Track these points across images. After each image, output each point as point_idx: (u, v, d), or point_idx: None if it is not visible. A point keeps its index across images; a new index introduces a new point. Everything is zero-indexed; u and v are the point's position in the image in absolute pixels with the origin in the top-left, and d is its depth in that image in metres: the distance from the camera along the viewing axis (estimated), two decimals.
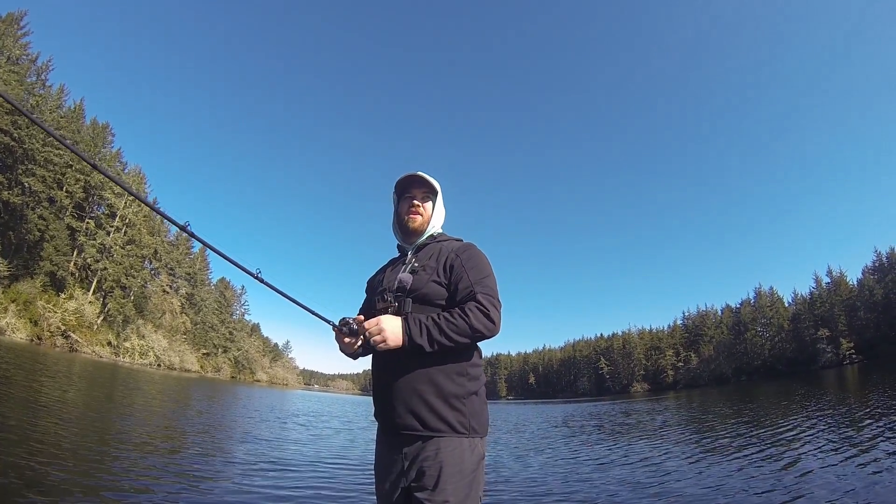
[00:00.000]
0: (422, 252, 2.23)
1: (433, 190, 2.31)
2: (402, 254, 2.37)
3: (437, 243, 2.26)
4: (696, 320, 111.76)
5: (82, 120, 56.23)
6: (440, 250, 2.18)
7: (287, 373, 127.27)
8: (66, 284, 48.46)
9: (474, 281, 2.02)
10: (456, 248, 2.17)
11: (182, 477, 5.86)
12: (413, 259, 2.20)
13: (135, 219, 57.61)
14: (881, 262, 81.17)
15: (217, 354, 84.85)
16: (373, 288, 2.33)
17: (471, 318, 1.90)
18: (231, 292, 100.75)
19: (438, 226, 2.37)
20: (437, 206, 2.35)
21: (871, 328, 76.13)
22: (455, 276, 2.05)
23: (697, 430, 14.90)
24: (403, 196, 2.33)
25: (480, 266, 2.10)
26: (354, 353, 2.19)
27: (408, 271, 2.13)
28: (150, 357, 57.42)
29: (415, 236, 2.29)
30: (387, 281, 2.19)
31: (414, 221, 2.27)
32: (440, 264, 2.10)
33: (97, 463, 5.85)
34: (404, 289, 2.06)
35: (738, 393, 41.52)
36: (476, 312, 1.92)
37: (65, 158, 48.13)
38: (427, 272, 2.08)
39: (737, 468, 7.71)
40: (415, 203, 2.27)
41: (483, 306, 1.94)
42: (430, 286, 2.04)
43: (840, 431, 11.10)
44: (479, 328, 1.90)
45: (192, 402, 18.35)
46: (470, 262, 2.08)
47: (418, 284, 2.05)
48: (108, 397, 14.87)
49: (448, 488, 1.82)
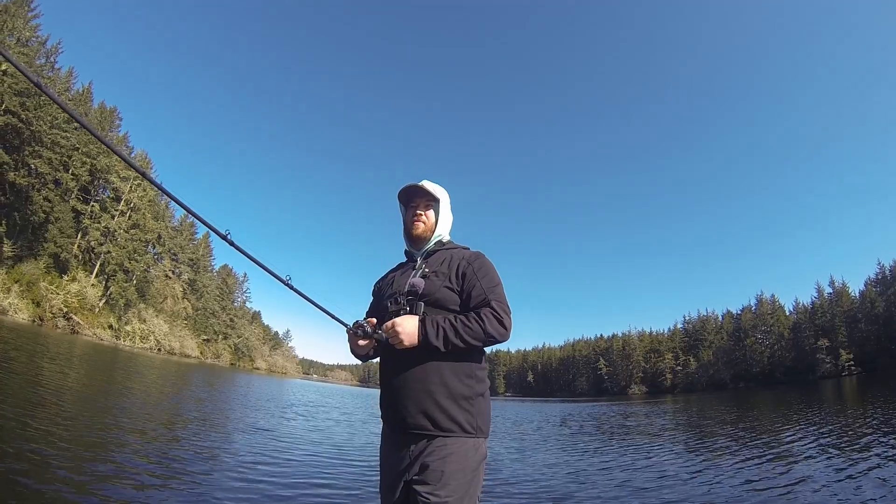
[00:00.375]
0: (431, 258, 2.28)
1: (434, 198, 2.37)
2: (409, 259, 2.43)
3: (447, 250, 2.31)
4: (697, 325, 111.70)
5: (90, 103, 56.30)
6: (451, 257, 2.23)
7: (286, 361, 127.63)
8: (70, 266, 48.62)
9: (487, 289, 2.09)
10: (467, 256, 2.23)
11: (179, 469, 5.84)
12: (423, 264, 2.25)
13: (140, 203, 57.71)
14: (884, 274, 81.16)
15: (217, 341, 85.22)
16: (380, 291, 2.38)
17: (485, 324, 1.98)
18: (233, 279, 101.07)
19: (446, 233, 2.43)
20: (443, 214, 2.40)
21: (871, 340, 76.06)
22: (468, 283, 2.11)
23: (695, 435, 14.90)
24: (409, 205, 2.42)
25: (492, 275, 2.17)
26: (366, 355, 2.27)
27: (419, 276, 2.18)
28: (151, 341, 57.63)
29: (420, 243, 2.35)
30: (397, 285, 2.24)
31: (417, 229, 2.33)
32: (452, 271, 2.15)
33: (95, 451, 5.83)
34: (416, 292, 2.11)
35: (735, 399, 41.50)
36: (491, 318, 1.99)
37: (71, 141, 48.25)
38: (439, 278, 2.13)
39: (731, 474, 7.71)
40: (417, 212, 2.35)
41: (497, 313, 2.01)
42: (443, 291, 2.10)
43: (835, 443, 11.05)
44: (493, 333, 1.98)
45: (191, 389, 18.42)
46: (482, 271, 2.15)
47: (431, 289, 2.10)
48: (108, 381, 14.94)
49: (450, 484, 1.86)
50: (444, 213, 2.41)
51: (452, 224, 2.52)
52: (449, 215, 2.46)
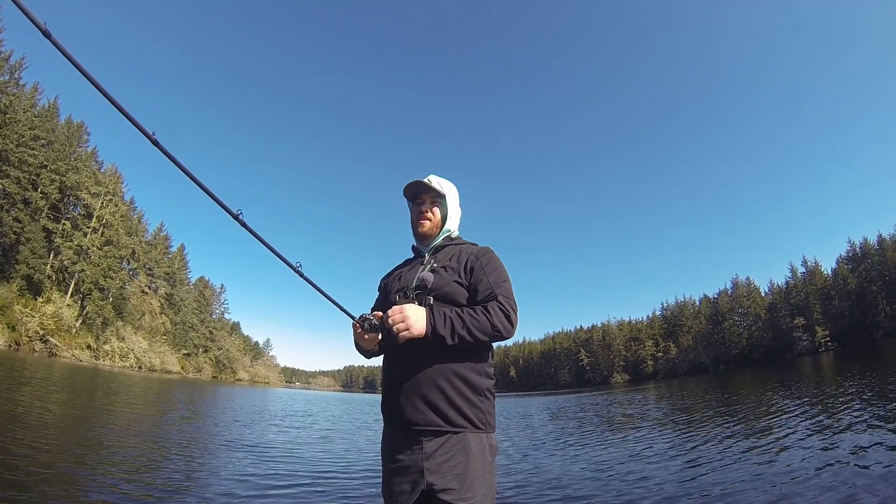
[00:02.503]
0: (440, 253, 2.26)
1: (441, 194, 2.34)
2: (417, 255, 2.41)
3: (455, 246, 2.31)
4: (675, 311, 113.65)
5: (57, 119, 55.16)
6: (460, 252, 2.23)
7: (268, 371, 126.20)
8: (44, 288, 47.60)
9: (495, 284, 2.07)
10: (476, 251, 2.22)
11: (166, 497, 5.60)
12: (432, 259, 2.24)
13: (112, 219, 56.66)
14: (855, 252, 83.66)
15: (198, 354, 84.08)
16: (387, 286, 2.35)
17: (492, 317, 1.94)
18: (210, 291, 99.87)
19: (454, 228, 2.41)
20: (451, 209, 2.38)
21: (845, 316, 78.36)
22: (475, 278, 2.10)
23: (681, 419, 15.20)
24: (415, 201, 2.38)
25: (500, 270, 2.16)
26: (370, 350, 2.19)
27: (428, 270, 2.16)
28: (131, 359, 56.58)
29: (427, 239, 2.33)
30: (405, 279, 2.21)
31: (423, 226, 2.31)
32: (461, 265, 2.14)
33: (75, 482, 5.58)
34: (425, 286, 2.08)
35: (716, 381, 42.42)
36: (498, 312, 1.96)
37: (39, 158, 47.30)
38: (449, 272, 2.12)
39: (718, 453, 7.96)
40: (423, 209, 2.32)
41: (504, 307, 1.99)
42: (453, 286, 2.08)
43: (815, 416, 11.64)
44: (499, 327, 1.94)
45: (174, 407, 18.16)
46: (490, 266, 2.14)
47: (440, 283, 2.08)
48: (87, 405, 14.56)
49: (474, 484, 1.85)
50: (451, 209, 2.38)
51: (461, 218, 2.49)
52: (457, 210, 2.43)
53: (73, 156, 55.14)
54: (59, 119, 55.73)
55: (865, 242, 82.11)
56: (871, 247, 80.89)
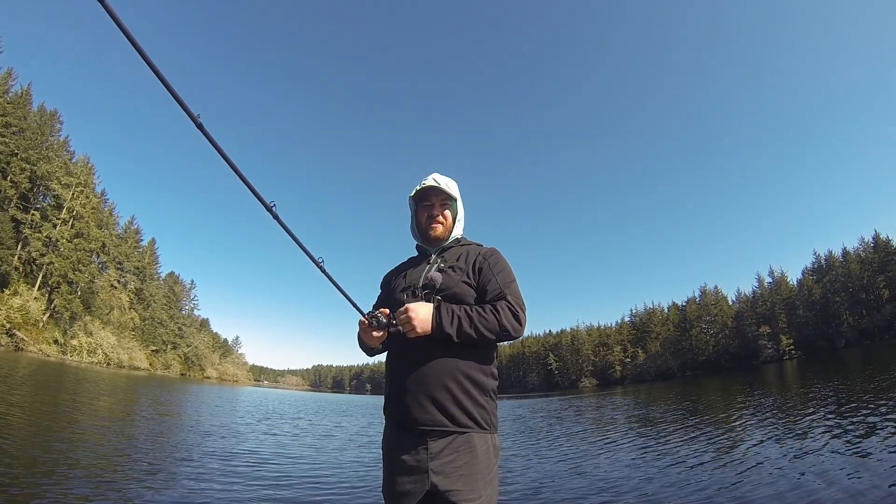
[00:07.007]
0: (447, 253, 2.26)
1: (452, 197, 2.31)
2: (422, 254, 2.38)
3: (462, 246, 2.31)
4: (644, 317, 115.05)
5: (29, 106, 54.14)
6: (467, 253, 2.23)
7: (237, 369, 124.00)
8: (10, 280, 46.64)
9: (503, 284, 2.08)
10: (483, 252, 2.23)
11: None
12: (439, 259, 2.23)
13: (83, 211, 55.68)
14: (820, 263, 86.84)
15: (166, 351, 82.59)
16: (390, 284, 2.33)
17: (501, 316, 1.94)
18: (180, 287, 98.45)
19: (461, 229, 2.39)
20: (459, 211, 2.36)
21: (809, 326, 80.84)
22: (484, 278, 2.11)
23: (647, 423, 15.79)
24: (421, 203, 2.34)
25: (508, 271, 2.17)
26: (375, 348, 2.17)
27: (435, 270, 2.16)
28: (99, 355, 55.69)
29: (439, 242, 2.30)
30: (412, 278, 2.20)
31: (435, 230, 2.28)
32: (469, 266, 2.15)
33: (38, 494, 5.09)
34: (433, 286, 2.08)
35: (683, 387, 43.42)
36: (507, 311, 1.96)
37: (10, 147, 46.29)
38: (457, 272, 2.12)
39: (684, 455, 8.32)
40: (433, 213, 2.29)
41: (513, 307, 1.99)
42: (461, 286, 2.08)
43: (776, 422, 12.41)
44: (507, 327, 1.94)
45: (143, 406, 17.91)
46: (497, 266, 2.15)
47: (449, 283, 2.08)
48: (53, 403, 14.13)
49: (479, 486, 1.85)
50: (460, 211, 2.37)
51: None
52: (462, 211, 2.41)
53: (44, 145, 54.15)
54: (31, 106, 54.65)
55: (830, 255, 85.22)
56: (835, 259, 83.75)
